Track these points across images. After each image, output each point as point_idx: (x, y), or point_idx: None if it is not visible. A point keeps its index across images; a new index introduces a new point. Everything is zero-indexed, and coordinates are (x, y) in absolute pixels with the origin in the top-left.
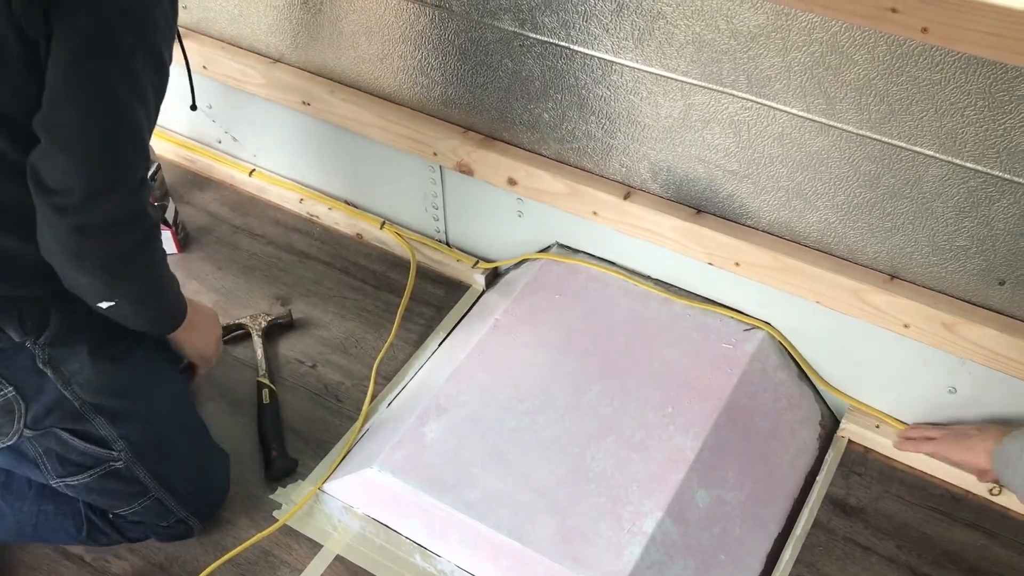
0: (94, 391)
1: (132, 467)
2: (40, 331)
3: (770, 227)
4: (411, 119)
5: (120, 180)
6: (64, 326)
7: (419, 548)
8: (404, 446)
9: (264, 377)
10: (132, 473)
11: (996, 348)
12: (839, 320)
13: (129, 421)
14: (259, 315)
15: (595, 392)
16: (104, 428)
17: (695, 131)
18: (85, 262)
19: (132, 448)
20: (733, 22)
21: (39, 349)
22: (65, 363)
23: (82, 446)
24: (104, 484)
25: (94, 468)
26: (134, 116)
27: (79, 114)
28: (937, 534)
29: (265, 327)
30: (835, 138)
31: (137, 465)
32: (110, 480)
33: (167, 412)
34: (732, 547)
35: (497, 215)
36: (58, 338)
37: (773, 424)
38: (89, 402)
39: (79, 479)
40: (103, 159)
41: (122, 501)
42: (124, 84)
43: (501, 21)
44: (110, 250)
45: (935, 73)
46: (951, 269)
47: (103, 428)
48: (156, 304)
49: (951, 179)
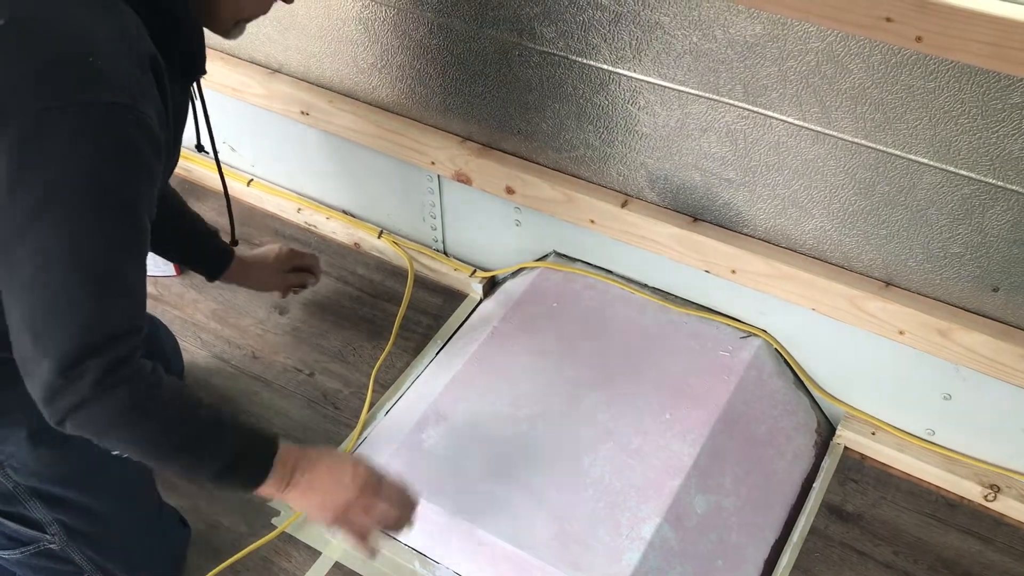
0: (28, 475)
1: (67, 549)
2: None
3: (766, 235)
4: (409, 128)
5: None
6: (2, 405)
7: (418, 555)
8: (403, 453)
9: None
10: (67, 555)
11: (990, 354)
12: (835, 327)
13: (67, 507)
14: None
15: (593, 399)
16: (38, 512)
17: (692, 140)
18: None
19: (68, 532)
20: (730, 32)
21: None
22: (0, 445)
23: (14, 526)
24: (37, 561)
25: (27, 545)
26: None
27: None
28: (933, 540)
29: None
30: (830, 146)
31: (73, 548)
32: (44, 558)
33: (112, 502)
34: (730, 553)
35: (495, 224)
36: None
37: (770, 431)
38: (24, 485)
39: (11, 554)
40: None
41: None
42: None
43: (500, 31)
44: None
45: (929, 82)
46: (946, 276)
47: (37, 512)
48: (179, 461)
49: (945, 187)
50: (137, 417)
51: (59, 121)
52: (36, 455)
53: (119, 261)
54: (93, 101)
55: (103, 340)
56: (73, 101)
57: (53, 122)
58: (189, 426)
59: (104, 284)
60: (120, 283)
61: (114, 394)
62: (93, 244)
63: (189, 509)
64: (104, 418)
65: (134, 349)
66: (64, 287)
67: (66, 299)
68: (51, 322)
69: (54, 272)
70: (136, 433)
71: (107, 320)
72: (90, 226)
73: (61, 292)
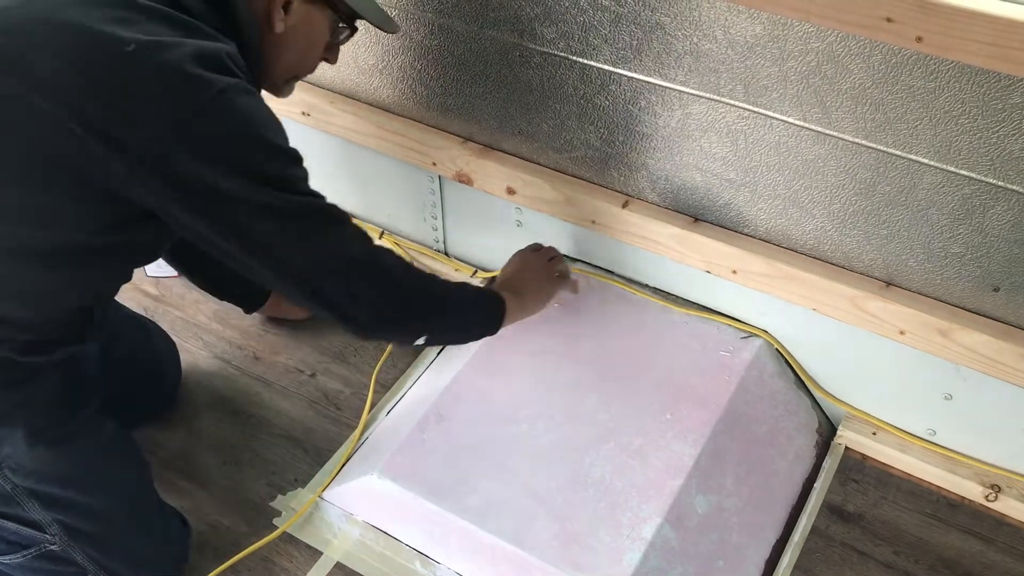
0: (25, 475)
1: (68, 550)
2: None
3: (767, 235)
4: (410, 129)
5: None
6: (2, 405)
7: (419, 555)
8: (405, 453)
9: None
10: (68, 555)
11: (991, 354)
12: (836, 327)
13: (66, 507)
14: None
15: (594, 399)
16: (37, 513)
17: (693, 140)
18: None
19: (68, 532)
20: (730, 32)
21: None
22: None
23: (13, 527)
24: (39, 564)
25: (28, 548)
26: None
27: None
28: (934, 540)
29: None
30: (831, 146)
31: (74, 548)
32: (45, 561)
33: (111, 501)
34: (730, 553)
35: (496, 224)
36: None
37: (771, 431)
38: (22, 486)
39: (12, 558)
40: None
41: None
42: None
43: (500, 32)
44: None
45: (930, 82)
46: (946, 276)
47: (35, 512)
48: (458, 320)
49: (946, 187)
50: (415, 294)
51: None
52: (33, 455)
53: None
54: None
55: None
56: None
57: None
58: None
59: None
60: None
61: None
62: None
63: (190, 509)
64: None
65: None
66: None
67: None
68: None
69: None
70: (426, 304)
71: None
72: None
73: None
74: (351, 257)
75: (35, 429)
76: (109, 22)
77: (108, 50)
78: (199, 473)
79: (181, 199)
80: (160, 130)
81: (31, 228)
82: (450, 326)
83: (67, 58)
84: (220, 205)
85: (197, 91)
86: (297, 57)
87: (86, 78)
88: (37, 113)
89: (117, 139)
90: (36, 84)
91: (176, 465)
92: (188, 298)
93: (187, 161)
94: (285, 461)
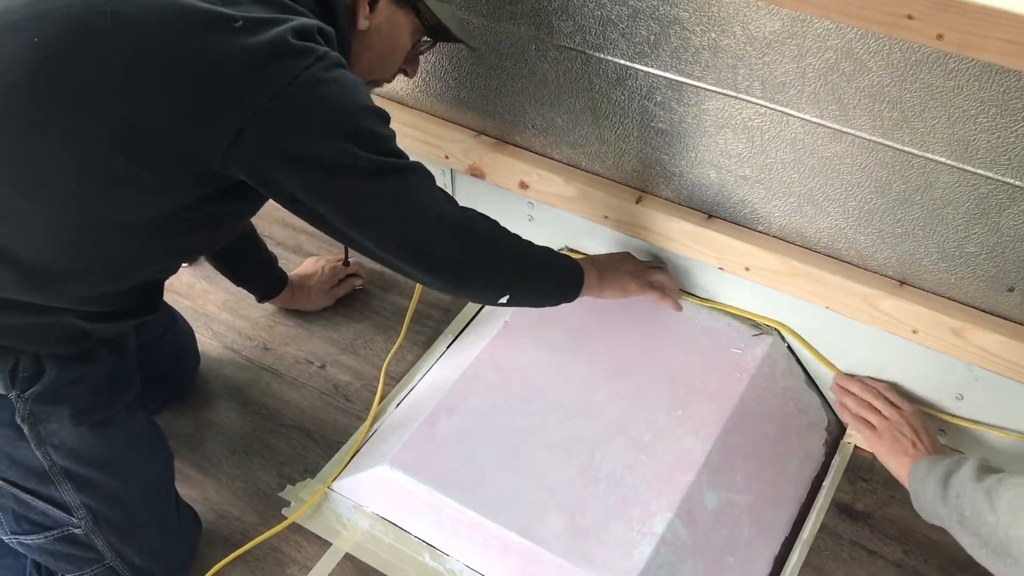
0: (66, 454)
1: (91, 535)
2: (28, 385)
3: (781, 232)
4: (423, 122)
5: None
6: (53, 384)
7: (428, 547)
8: (415, 445)
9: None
10: (90, 540)
11: (1004, 354)
12: (848, 325)
13: (96, 491)
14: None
15: (605, 394)
16: (68, 494)
17: (708, 136)
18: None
19: (94, 517)
20: (749, 28)
21: (21, 403)
22: (44, 422)
23: (43, 506)
24: (59, 547)
25: (51, 530)
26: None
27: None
28: (943, 539)
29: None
30: (848, 144)
31: (97, 534)
32: (66, 544)
33: (137, 490)
34: (740, 549)
35: (508, 218)
36: (44, 395)
37: (781, 429)
38: (60, 465)
39: (34, 539)
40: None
41: (74, 565)
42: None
43: (517, 26)
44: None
45: (949, 80)
46: (960, 275)
47: (67, 494)
48: (540, 284)
49: (962, 186)
50: (494, 246)
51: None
52: (77, 434)
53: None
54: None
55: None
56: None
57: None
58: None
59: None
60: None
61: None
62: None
63: (199, 500)
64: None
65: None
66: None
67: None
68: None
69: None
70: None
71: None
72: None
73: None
74: (444, 214)
75: (82, 408)
76: (215, 2)
77: (218, 26)
78: (208, 463)
79: (280, 166)
80: (263, 101)
81: (125, 198)
82: (533, 289)
83: (177, 32)
84: (321, 170)
85: (298, 59)
86: (378, 60)
87: (195, 54)
88: (144, 84)
89: (222, 111)
90: (143, 56)
91: (185, 454)
92: (197, 288)
93: (289, 129)
94: (295, 452)
